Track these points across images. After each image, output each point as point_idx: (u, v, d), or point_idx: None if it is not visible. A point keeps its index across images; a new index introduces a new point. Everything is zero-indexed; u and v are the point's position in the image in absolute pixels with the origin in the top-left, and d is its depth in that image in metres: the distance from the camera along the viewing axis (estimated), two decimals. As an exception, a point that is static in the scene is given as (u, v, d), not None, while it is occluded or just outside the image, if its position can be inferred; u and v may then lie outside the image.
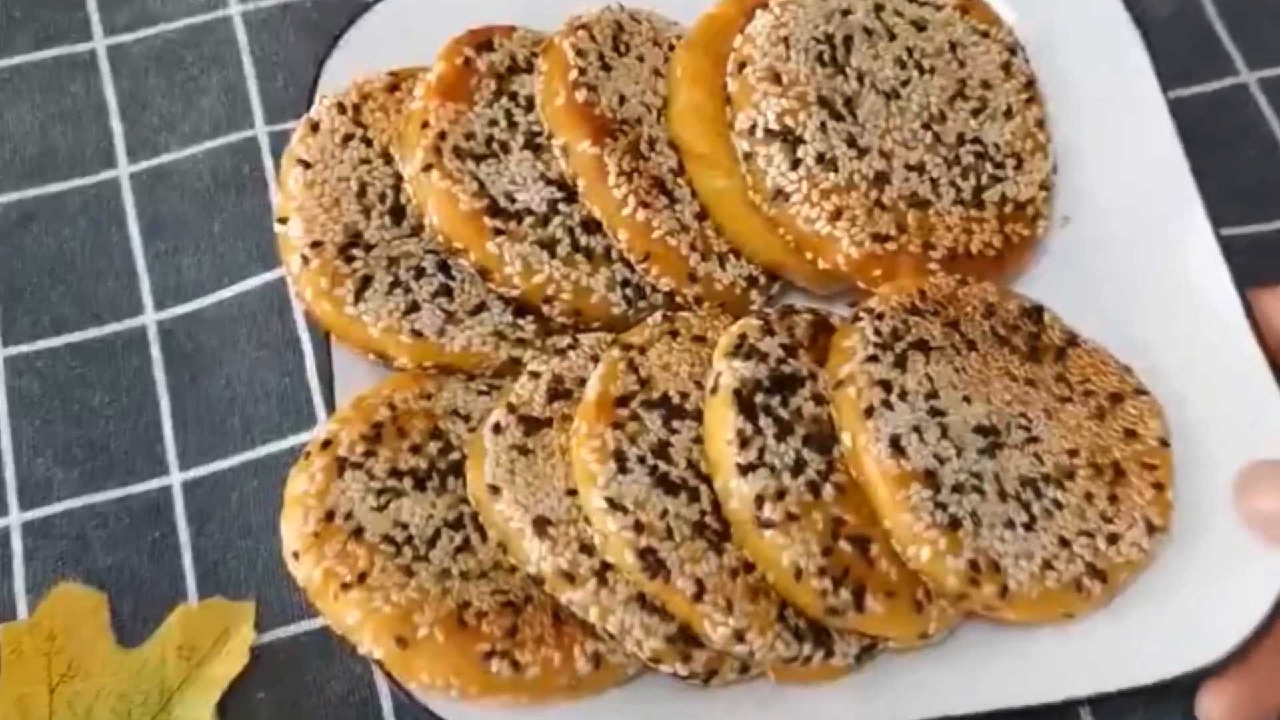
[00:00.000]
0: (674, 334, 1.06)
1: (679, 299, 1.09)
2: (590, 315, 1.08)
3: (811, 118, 1.08)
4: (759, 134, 1.07)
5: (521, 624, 0.95)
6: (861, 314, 1.03)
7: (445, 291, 1.07)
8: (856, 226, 1.07)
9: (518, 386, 1.03)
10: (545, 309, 1.07)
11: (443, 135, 1.07)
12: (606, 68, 1.11)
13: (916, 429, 0.98)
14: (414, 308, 1.06)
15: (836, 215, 1.07)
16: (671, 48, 1.16)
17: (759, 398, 0.99)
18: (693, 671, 0.96)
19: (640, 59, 1.14)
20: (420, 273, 1.07)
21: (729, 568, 0.96)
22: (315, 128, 1.09)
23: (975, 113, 1.15)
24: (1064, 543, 0.98)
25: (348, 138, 1.10)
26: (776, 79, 1.09)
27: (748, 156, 1.07)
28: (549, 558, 0.95)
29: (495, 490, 0.98)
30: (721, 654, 0.96)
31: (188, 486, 1.10)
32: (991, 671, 0.99)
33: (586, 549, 0.96)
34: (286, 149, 1.09)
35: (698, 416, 1.01)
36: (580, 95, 1.08)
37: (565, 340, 1.07)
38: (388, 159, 1.10)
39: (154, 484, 1.11)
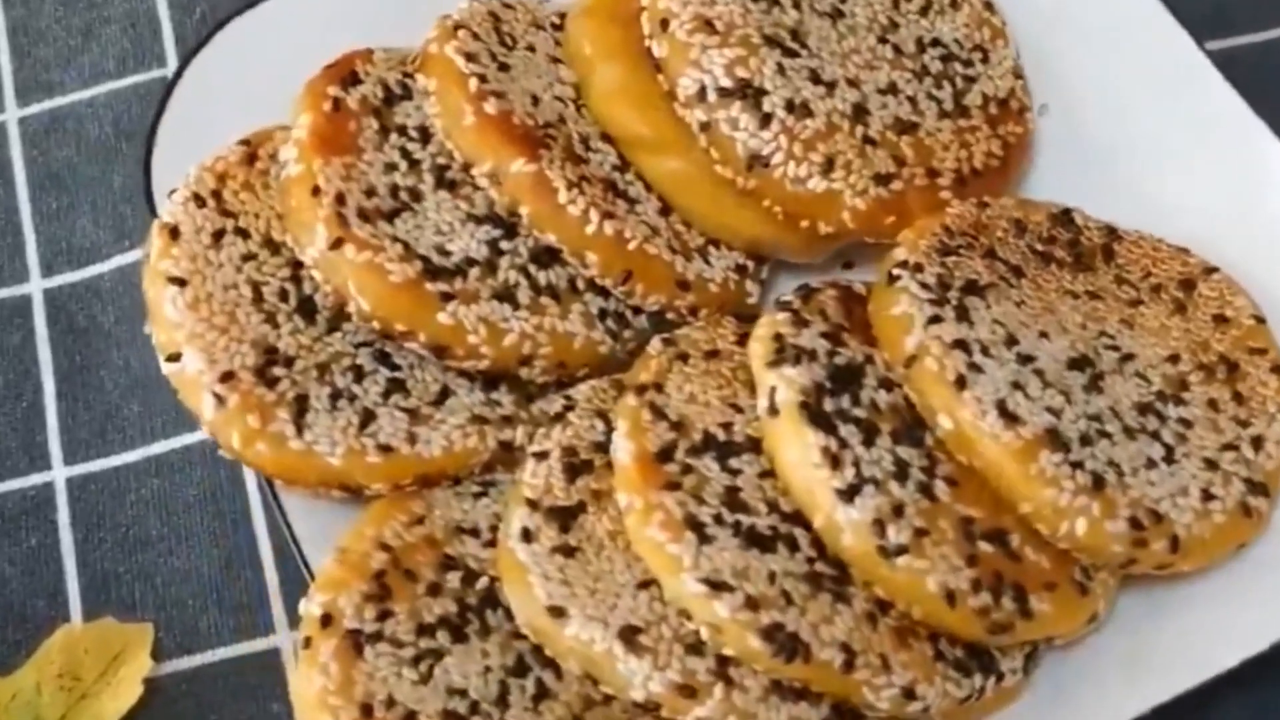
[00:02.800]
0: (683, 358, 0.87)
1: (670, 314, 0.90)
2: (575, 364, 0.88)
3: (765, 62, 0.90)
4: (711, 96, 0.89)
5: (651, 765, 0.76)
6: (896, 271, 0.86)
7: (397, 387, 0.86)
8: (854, 173, 0.90)
9: (527, 476, 0.83)
10: (523, 372, 0.87)
11: (340, 199, 0.85)
12: (504, 67, 0.90)
13: (1016, 386, 0.82)
14: (369, 417, 0.84)
15: (829, 166, 0.89)
16: (556, 26, 0.96)
17: (827, 404, 0.81)
18: (862, 753, 0.78)
19: (531, 48, 0.94)
20: (359, 373, 0.86)
21: (863, 616, 0.78)
22: (175, 233, 0.86)
23: (923, 11, 0.99)
24: (1211, 464, 0.84)
25: (218, 235, 0.87)
26: (710, 27, 0.90)
27: (705, 126, 0.89)
28: (655, 675, 0.76)
29: (559, 612, 0.77)
30: (888, 720, 0.79)
31: (74, 485, 0.95)
32: (1162, 647, 0.84)
33: (694, 649, 0.77)
34: (146, 268, 0.85)
35: (755, 447, 0.83)
36: (491, 106, 0.87)
37: (557, 402, 0.87)
38: (274, 247, 0.88)
39: (33, 480, 0.95)
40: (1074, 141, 1.01)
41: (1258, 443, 0.85)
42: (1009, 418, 0.80)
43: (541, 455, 0.84)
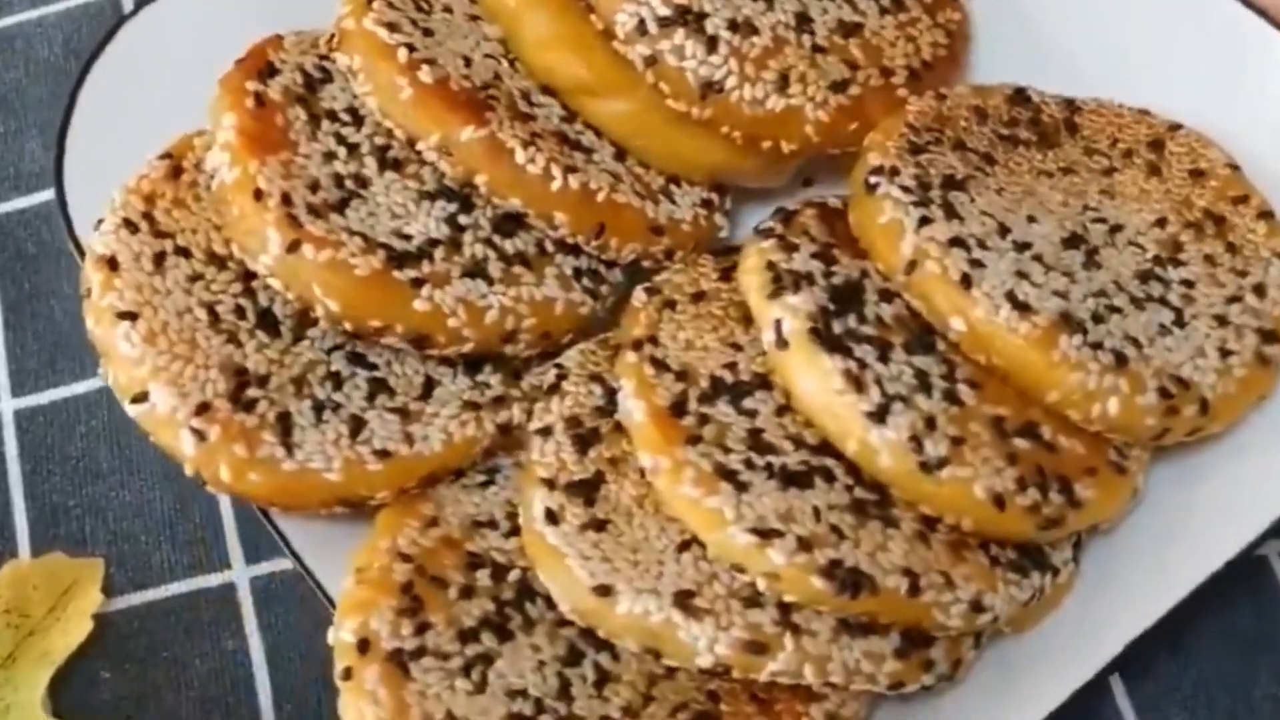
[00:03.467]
0: (670, 305, 0.83)
1: (646, 262, 0.86)
2: (560, 330, 0.84)
3: (701, -17, 0.85)
4: (652, 28, 0.84)
5: (731, 731, 0.72)
6: (873, 178, 0.83)
7: (380, 387, 0.81)
8: (809, 85, 0.86)
9: (536, 455, 0.79)
10: (509, 348, 0.82)
11: (286, 199, 0.79)
12: (428, 33, 0.85)
13: (1020, 274, 0.80)
14: (358, 424, 0.79)
15: (783, 82, 0.85)
16: (468, -17, 0.90)
17: (836, 326, 0.78)
18: (939, 675, 0.75)
19: (448, 9, 0.88)
20: (337, 379, 0.81)
21: (915, 536, 0.75)
22: (113, 264, 0.79)
23: (841, -90, 0.94)
24: (1221, 320, 0.82)
25: (159, 259, 0.80)
26: (637, -43, 0.85)
27: (650, 61, 0.84)
28: (720, 636, 0.72)
29: (605, 591, 0.73)
30: (958, 638, 0.76)
31: (22, 416, 0.91)
32: (1197, 516, 0.83)
33: (753, 603, 0.73)
34: (88, 306, 0.79)
35: (764, 384, 0.79)
36: (426, 75, 0.82)
37: (548, 373, 0.83)
38: (220, 262, 0.82)
39: (-22, 415, 0.87)
40: (1011, 19, 0.98)
41: (1260, 290, 0.84)
42: (1021, 308, 0.78)
43: (546, 431, 0.80)
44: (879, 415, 0.75)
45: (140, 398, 0.77)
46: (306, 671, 0.85)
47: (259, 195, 0.79)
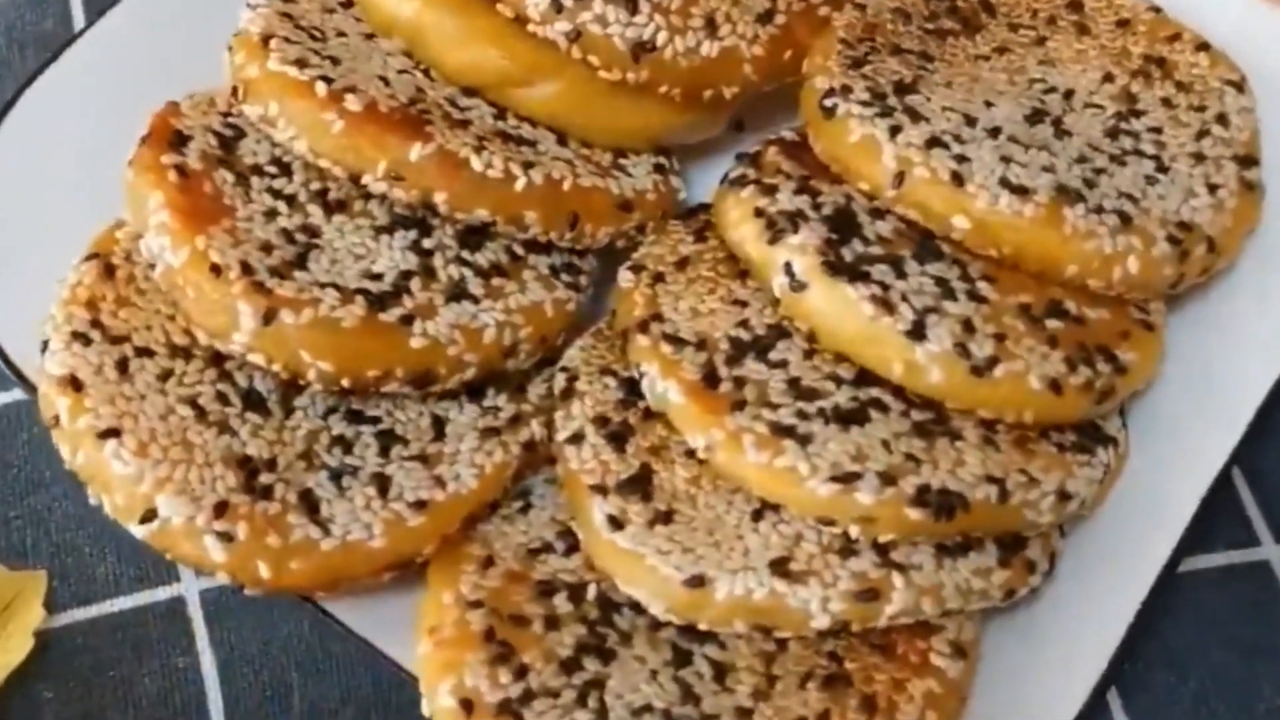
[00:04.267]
0: (659, 278, 0.80)
1: (619, 242, 0.82)
2: (554, 332, 0.81)
3: (601, -57, 0.82)
4: (568, 1, 0.80)
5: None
6: (829, 101, 0.80)
7: (391, 439, 0.77)
8: (737, 23, 0.84)
9: (575, 464, 0.74)
10: (510, 364, 0.78)
11: (246, 267, 0.73)
12: (334, 61, 0.80)
13: (1005, 160, 0.79)
14: (384, 482, 0.74)
15: (712, 26, 0.83)
16: (345, 3, 0.85)
17: (846, 255, 0.75)
18: (1043, 573, 0.74)
19: (340, 33, 0.83)
20: (345, 443, 0.76)
21: (983, 444, 0.73)
22: (76, 384, 0.72)
23: None
24: (1198, 157, 0.82)
25: (122, 365, 0.74)
26: (529, -71, 0.81)
27: (575, 35, 0.80)
28: (831, 594, 0.69)
29: (699, 581, 0.69)
30: (1048, 532, 0.74)
31: None
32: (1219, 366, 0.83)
33: (849, 552, 0.71)
34: (59, 435, 0.72)
35: (782, 332, 0.77)
36: (354, 103, 0.77)
37: (557, 379, 0.79)
38: (184, 353, 0.76)
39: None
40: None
41: (1223, 120, 0.84)
42: (1018, 191, 0.76)
43: (576, 438, 0.76)
44: (917, 331, 0.73)
45: (149, 516, 0.70)
46: (260, 689, 0.80)
47: (216, 270, 0.73)
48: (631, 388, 0.78)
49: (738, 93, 0.84)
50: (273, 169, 0.79)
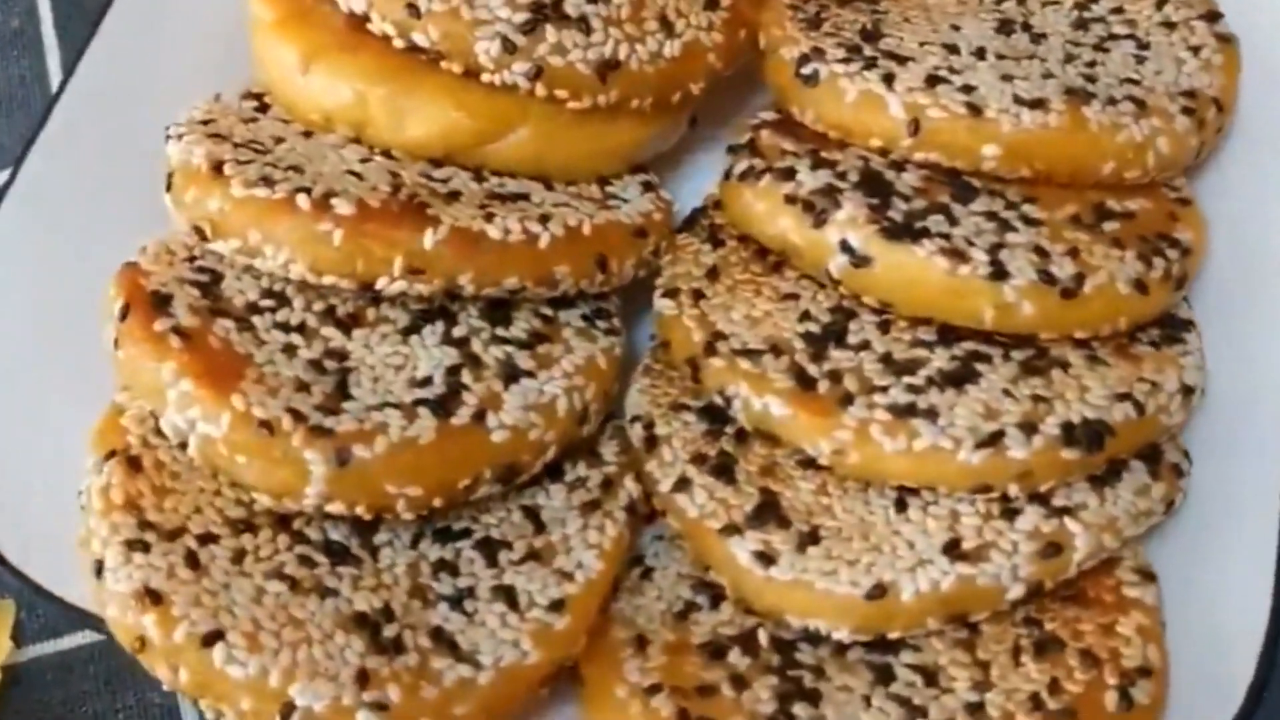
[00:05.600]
0: (698, 295, 0.76)
1: (641, 272, 0.78)
2: (613, 385, 0.76)
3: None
4: (519, 40, 0.75)
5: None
6: (807, 70, 0.77)
7: (493, 546, 0.72)
8: (688, 15, 0.80)
9: (694, 513, 0.71)
10: (584, 429, 0.72)
11: (298, 415, 0.67)
12: (297, 170, 0.73)
13: (1005, 78, 0.76)
14: (510, 594, 0.69)
15: (667, 24, 0.79)
16: (261, 105, 0.78)
17: (896, 217, 0.72)
18: (1187, 475, 0.73)
19: (279, 139, 0.76)
20: (449, 567, 0.71)
21: (1091, 364, 0.72)
22: (155, 596, 0.64)
23: None
24: (1169, 25, 0.82)
25: (192, 559, 0.66)
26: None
27: (536, 73, 0.75)
28: (1016, 560, 0.67)
29: (881, 591, 0.66)
30: (1174, 436, 0.73)
31: None
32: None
33: (1012, 513, 0.68)
34: (151, 657, 0.64)
35: (848, 313, 0.74)
36: (345, 206, 0.70)
37: (636, 429, 0.75)
38: (250, 527, 0.69)
39: None
40: None
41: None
42: (1034, 105, 0.74)
43: (683, 484, 0.72)
44: (999, 272, 0.70)
45: (287, 711, 0.62)
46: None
47: (268, 427, 0.65)
48: (713, 416, 0.74)
49: (704, 86, 0.80)
50: (268, 302, 0.72)
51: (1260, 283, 0.78)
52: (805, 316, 0.74)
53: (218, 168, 0.71)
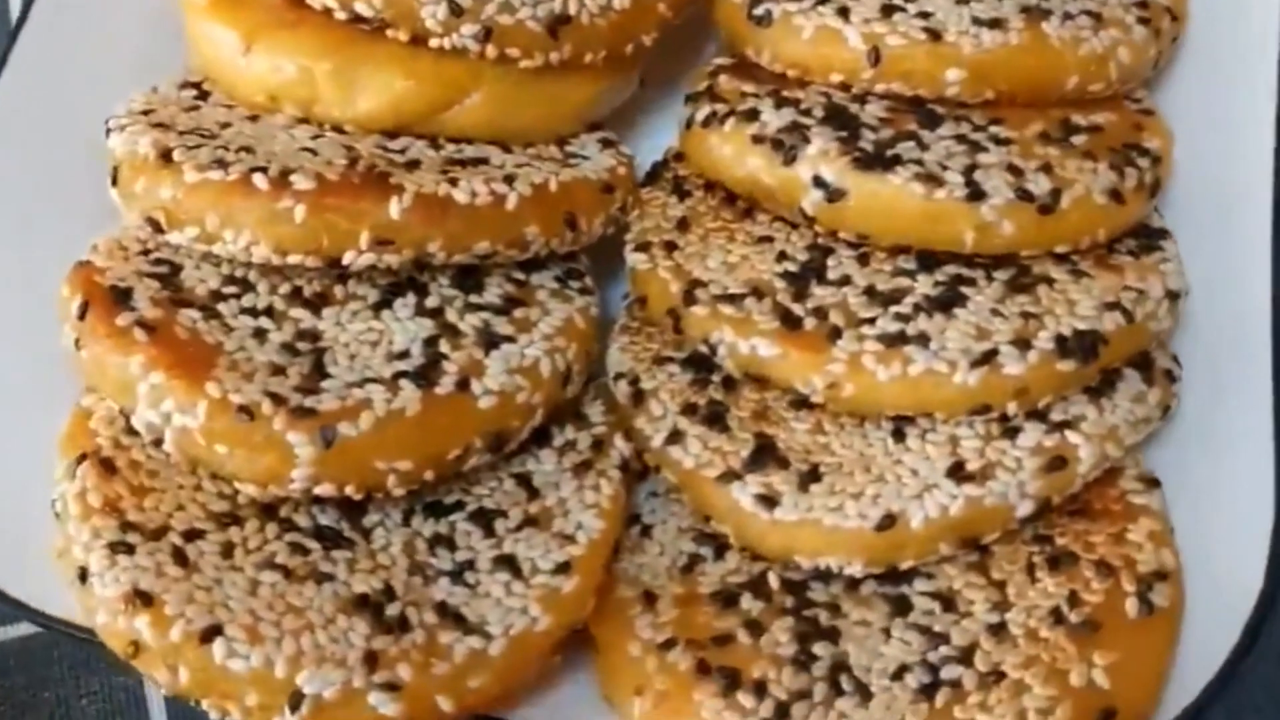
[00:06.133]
0: (671, 247, 0.75)
1: (609, 230, 0.76)
2: (592, 344, 0.75)
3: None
4: (466, 2, 0.72)
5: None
6: (756, 9, 0.76)
7: (488, 516, 0.70)
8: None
9: (690, 463, 0.70)
10: (569, 391, 0.71)
11: (277, 398, 0.65)
12: (249, 150, 0.70)
13: (960, 0, 0.75)
14: (513, 563, 0.67)
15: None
16: (201, 93, 0.76)
17: (866, 146, 0.71)
18: (1178, 379, 0.72)
19: (226, 125, 0.74)
20: (446, 541, 0.69)
21: (1076, 278, 0.72)
22: (144, 597, 0.62)
23: None
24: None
25: (180, 557, 0.64)
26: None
27: (485, 34, 0.73)
28: (1021, 478, 0.66)
29: (891, 520, 0.65)
30: (1163, 344, 0.73)
31: None
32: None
33: (1012, 430, 0.67)
34: (149, 660, 0.62)
35: (825, 250, 0.73)
36: (304, 182, 0.68)
37: (621, 386, 0.74)
38: (235, 520, 0.66)
39: None
40: None
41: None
42: (995, 26, 0.73)
43: (675, 437, 0.70)
44: (975, 193, 0.69)
45: (296, 700, 0.60)
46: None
47: (248, 412, 0.63)
48: (698, 365, 0.72)
49: (655, 37, 0.79)
50: (232, 289, 0.69)
51: (1226, 186, 0.77)
52: (782, 257, 0.73)
53: (166, 155, 0.68)
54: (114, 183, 0.71)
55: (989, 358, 0.66)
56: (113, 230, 0.72)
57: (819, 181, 0.70)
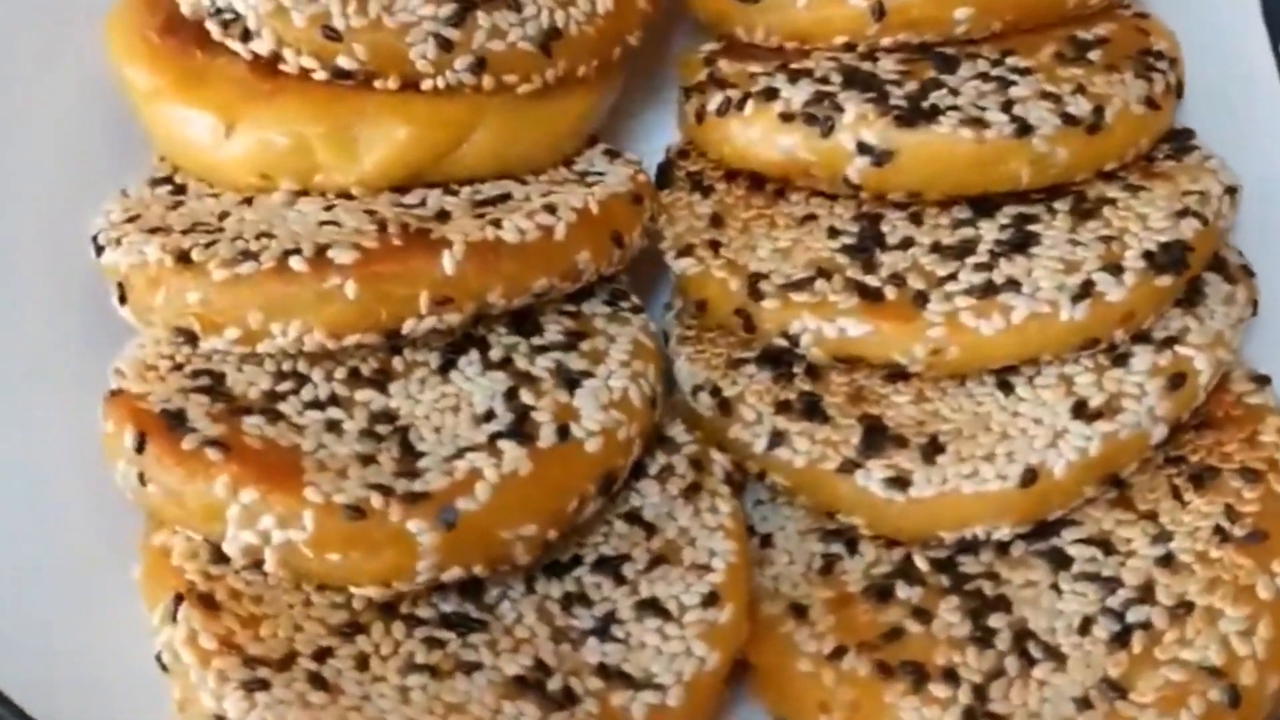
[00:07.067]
0: (714, 246, 0.71)
1: (645, 242, 0.73)
2: (659, 363, 0.70)
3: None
4: (454, 35, 0.68)
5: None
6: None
7: (614, 562, 0.66)
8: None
9: (800, 461, 0.67)
10: (657, 415, 0.67)
11: (386, 490, 0.60)
12: (268, 236, 0.65)
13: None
14: (657, 606, 0.63)
15: (591, -20, 0.73)
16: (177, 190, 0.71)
17: (898, 102, 0.69)
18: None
19: (223, 214, 0.68)
20: (580, 598, 0.65)
21: (1132, 193, 0.70)
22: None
23: None
24: None
25: (318, 682, 0.59)
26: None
27: (479, 64, 0.69)
28: (1149, 387, 0.65)
29: (1033, 476, 0.63)
30: (1227, 245, 0.72)
31: None
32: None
33: (1122, 358, 0.66)
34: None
35: (874, 217, 0.71)
36: (344, 255, 0.63)
37: (703, 399, 0.71)
38: (359, 628, 0.61)
39: None
40: None
41: None
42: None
43: (778, 438, 0.67)
44: (1023, 128, 0.68)
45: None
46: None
47: (359, 512, 0.58)
48: (775, 361, 0.69)
49: (639, 35, 0.76)
50: (286, 385, 0.64)
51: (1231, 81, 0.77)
52: (833, 232, 0.70)
53: (183, 258, 0.63)
54: (122, 300, 0.65)
55: (1088, 289, 0.64)
56: (124, 350, 0.67)
57: (863, 147, 0.68)
